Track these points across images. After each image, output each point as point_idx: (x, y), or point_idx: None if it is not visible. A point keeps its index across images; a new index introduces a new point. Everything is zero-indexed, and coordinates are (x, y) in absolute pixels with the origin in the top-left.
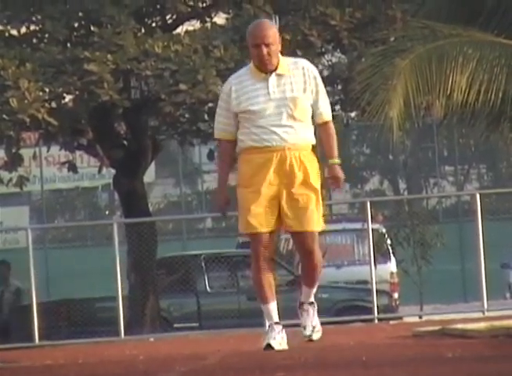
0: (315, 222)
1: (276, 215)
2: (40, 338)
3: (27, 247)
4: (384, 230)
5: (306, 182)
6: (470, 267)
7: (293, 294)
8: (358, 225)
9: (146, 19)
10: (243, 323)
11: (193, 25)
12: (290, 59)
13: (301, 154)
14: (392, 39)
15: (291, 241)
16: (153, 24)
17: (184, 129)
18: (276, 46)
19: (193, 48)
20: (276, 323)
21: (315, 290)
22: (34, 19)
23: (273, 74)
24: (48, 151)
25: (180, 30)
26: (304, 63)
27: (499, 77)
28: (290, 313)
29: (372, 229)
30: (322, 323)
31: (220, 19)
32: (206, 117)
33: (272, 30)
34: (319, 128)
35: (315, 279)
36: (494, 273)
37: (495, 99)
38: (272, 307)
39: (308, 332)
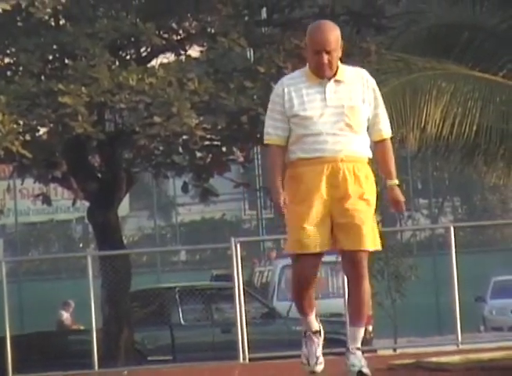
0: (370, 240)
1: (329, 233)
2: (13, 371)
3: (1, 280)
4: None
5: (361, 197)
6: (444, 300)
7: (268, 327)
8: (332, 258)
9: (121, 52)
10: (217, 355)
11: (168, 58)
12: (349, 67)
13: (355, 167)
14: None
15: (265, 274)
16: (128, 57)
17: (158, 162)
18: (338, 52)
19: (168, 80)
20: (315, 332)
21: (362, 331)
22: (8, 51)
23: (332, 80)
24: (22, 184)
25: (154, 62)
26: (363, 72)
27: (473, 110)
28: (265, 346)
29: None
30: (297, 356)
31: (194, 52)
32: (180, 149)
33: (334, 35)
34: (376, 146)
35: (361, 311)
36: (468, 306)
37: (469, 132)
38: (312, 317)
39: (357, 368)
